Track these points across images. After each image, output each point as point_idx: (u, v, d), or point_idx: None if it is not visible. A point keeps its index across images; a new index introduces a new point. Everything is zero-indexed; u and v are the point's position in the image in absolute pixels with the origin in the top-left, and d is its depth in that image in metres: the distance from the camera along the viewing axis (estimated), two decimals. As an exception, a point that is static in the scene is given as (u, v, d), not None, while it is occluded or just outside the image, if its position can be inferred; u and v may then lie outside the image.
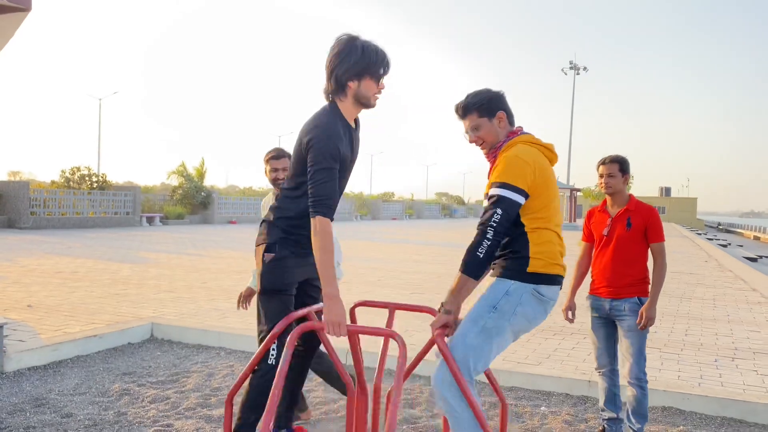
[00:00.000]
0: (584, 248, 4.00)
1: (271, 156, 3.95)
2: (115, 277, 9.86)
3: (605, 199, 3.89)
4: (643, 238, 3.73)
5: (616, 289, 3.71)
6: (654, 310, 3.63)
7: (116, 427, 3.89)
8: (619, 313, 3.71)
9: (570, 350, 5.89)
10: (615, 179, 3.75)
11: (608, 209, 3.84)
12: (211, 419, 4.09)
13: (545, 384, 4.93)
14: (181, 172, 30.30)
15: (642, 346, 3.69)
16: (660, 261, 3.72)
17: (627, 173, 3.80)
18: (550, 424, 4.19)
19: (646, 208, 3.76)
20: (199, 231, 23.89)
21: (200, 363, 5.43)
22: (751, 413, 4.38)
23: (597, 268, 3.82)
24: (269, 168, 3.96)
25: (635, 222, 3.70)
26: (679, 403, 4.58)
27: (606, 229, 3.77)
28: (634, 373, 3.67)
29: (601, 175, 3.81)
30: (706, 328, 7.28)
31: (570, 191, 44.05)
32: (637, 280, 3.71)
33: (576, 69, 56.88)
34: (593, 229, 3.91)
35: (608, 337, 3.84)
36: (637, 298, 3.69)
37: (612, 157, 3.81)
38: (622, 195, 3.79)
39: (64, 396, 4.44)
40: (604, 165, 3.80)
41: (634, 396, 3.68)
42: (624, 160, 3.81)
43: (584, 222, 4.03)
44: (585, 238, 4.00)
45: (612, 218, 3.77)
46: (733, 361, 5.71)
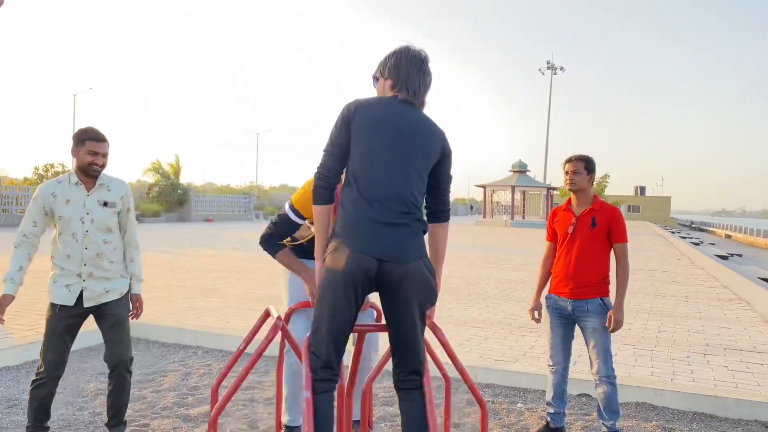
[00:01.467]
0: (549, 248, 4.03)
1: (91, 137, 3.27)
2: (90, 276, 9.72)
3: (569, 198, 3.94)
4: (607, 238, 3.77)
5: (579, 289, 3.75)
6: (622, 312, 3.68)
7: (91, 428, 3.85)
8: (582, 314, 3.76)
9: (545, 347, 5.93)
10: (580, 177, 3.79)
11: (573, 208, 3.87)
12: (188, 418, 4.07)
13: (522, 381, 4.98)
14: (157, 169, 29.97)
15: (607, 344, 3.74)
16: (623, 262, 3.77)
17: (592, 172, 3.84)
18: (526, 421, 4.24)
19: (610, 209, 3.81)
20: (175, 229, 23.65)
21: (177, 362, 5.39)
22: (722, 408, 4.48)
23: (560, 267, 3.84)
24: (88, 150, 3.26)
25: (600, 222, 3.75)
26: (652, 398, 4.66)
27: (571, 227, 3.80)
28: (603, 371, 3.73)
29: (566, 172, 3.84)
30: (679, 325, 7.42)
31: (546, 190, 44.48)
32: (599, 280, 3.76)
33: (553, 69, 57.39)
34: (557, 227, 3.94)
35: (565, 336, 3.90)
36: (600, 300, 3.75)
37: (578, 155, 3.85)
38: (587, 194, 3.83)
39: (37, 396, 4.37)
40: (570, 162, 3.84)
41: (604, 393, 3.74)
42: (590, 159, 3.85)
43: (548, 222, 4.05)
44: (549, 238, 4.02)
45: (577, 217, 3.81)
46: (704, 357, 5.83)
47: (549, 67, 57.37)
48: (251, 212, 35.00)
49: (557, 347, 3.91)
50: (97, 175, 3.35)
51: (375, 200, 2.33)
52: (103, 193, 3.38)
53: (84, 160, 3.26)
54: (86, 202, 3.33)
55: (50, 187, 3.32)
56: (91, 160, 3.26)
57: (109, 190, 3.40)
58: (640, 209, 79.61)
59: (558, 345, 3.91)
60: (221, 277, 10.20)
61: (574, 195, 3.84)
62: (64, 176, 3.39)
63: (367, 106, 2.45)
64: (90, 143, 3.25)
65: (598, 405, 3.79)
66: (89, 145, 3.25)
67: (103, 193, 3.38)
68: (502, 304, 8.36)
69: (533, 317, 4.00)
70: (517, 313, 7.73)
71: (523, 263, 14.52)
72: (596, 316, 3.71)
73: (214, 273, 10.66)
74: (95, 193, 3.36)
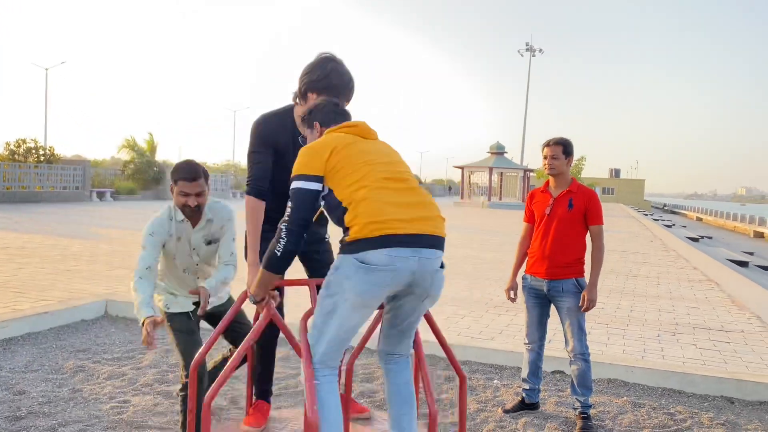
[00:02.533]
0: (526, 229, 4.10)
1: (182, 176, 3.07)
2: (66, 253, 9.63)
3: (547, 180, 4.01)
4: (583, 220, 3.86)
5: (555, 269, 3.84)
6: (595, 292, 3.78)
7: (71, 404, 3.86)
8: (557, 294, 3.86)
9: (521, 326, 6.05)
10: (558, 161, 3.86)
11: (550, 190, 3.95)
12: (169, 395, 4.10)
13: (498, 358, 5.09)
14: (132, 146, 29.50)
15: (582, 323, 3.85)
16: (598, 243, 3.86)
17: (570, 155, 3.91)
18: (502, 397, 4.35)
19: (587, 191, 3.89)
20: (152, 207, 23.40)
21: (156, 340, 5.36)
22: (690, 384, 4.64)
23: (536, 248, 3.93)
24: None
25: (576, 203, 3.83)
26: (624, 375, 4.80)
27: (548, 208, 3.88)
28: (577, 349, 3.84)
29: (545, 156, 3.91)
30: (650, 305, 7.61)
31: (524, 172, 44.81)
32: (574, 261, 3.85)
33: (532, 51, 57.49)
34: (535, 209, 4.01)
35: (541, 315, 4.00)
36: (575, 280, 3.84)
37: (556, 139, 3.91)
38: (565, 177, 3.91)
39: (15, 373, 4.36)
40: (549, 147, 3.90)
41: (578, 369, 3.85)
42: (568, 142, 3.92)
43: (526, 203, 4.13)
44: (527, 219, 4.10)
45: (554, 198, 3.89)
46: (674, 336, 6.00)
47: (528, 49, 57.46)
48: (228, 191, 34.74)
49: (533, 326, 4.01)
50: (194, 213, 3.17)
51: None
52: (208, 228, 3.25)
53: (178, 202, 3.10)
54: (192, 238, 3.23)
55: (164, 224, 3.16)
56: (183, 201, 3.07)
57: (211, 220, 3.25)
58: (614, 191, 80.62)
59: (534, 324, 4.00)
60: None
61: (552, 178, 3.91)
62: (167, 211, 3.19)
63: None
64: (181, 183, 3.03)
65: (572, 381, 3.90)
66: (181, 186, 3.04)
67: (208, 228, 3.25)
68: (479, 284, 8.48)
69: (509, 297, 4.08)
70: (493, 293, 7.86)
71: (499, 244, 14.69)
72: (571, 295, 3.81)
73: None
74: (200, 229, 3.24)
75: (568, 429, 3.82)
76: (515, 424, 3.86)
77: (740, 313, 7.40)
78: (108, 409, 3.80)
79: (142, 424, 3.61)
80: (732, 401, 4.48)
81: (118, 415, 3.72)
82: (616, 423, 3.96)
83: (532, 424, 3.88)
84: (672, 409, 4.23)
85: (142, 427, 3.58)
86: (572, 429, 3.80)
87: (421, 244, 2.18)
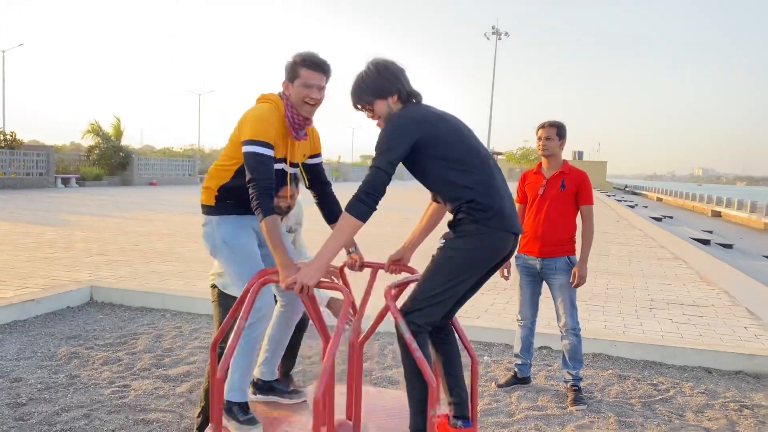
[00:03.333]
0: (518, 209, 4.23)
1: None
2: (40, 240, 9.45)
3: (540, 162, 4.14)
4: (574, 200, 4.01)
5: (547, 248, 3.98)
6: (585, 268, 3.94)
7: (71, 390, 3.87)
8: (550, 272, 4.01)
9: (505, 304, 6.25)
10: (552, 142, 3.99)
11: (543, 171, 4.09)
12: (168, 378, 4.13)
13: (486, 335, 5.24)
14: (96, 131, 28.78)
15: (573, 299, 4.01)
16: (589, 222, 4.02)
17: (563, 138, 4.05)
18: (493, 372, 4.50)
19: (578, 173, 4.04)
20: (119, 193, 22.97)
21: (147, 325, 5.39)
22: (670, 356, 4.86)
23: (529, 227, 4.07)
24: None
25: (568, 184, 3.97)
26: (607, 349, 5.00)
27: (542, 189, 4.02)
28: (569, 324, 4.00)
29: (539, 138, 4.04)
30: (625, 283, 7.87)
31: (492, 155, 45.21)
32: (566, 240, 4.00)
33: (498, 34, 57.68)
34: (527, 190, 4.15)
35: (533, 293, 4.15)
36: (567, 258, 4.00)
37: (551, 122, 4.04)
38: (557, 158, 4.05)
39: (8, 361, 4.33)
40: (543, 129, 4.03)
41: (570, 344, 4.01)
42: (561, 125, 4.05)
43: (519, 184, 4.26)
44: (519, 200, 4.23)
45: (547, 179, 4.03)
46: (650, 311, 6.25)
47: (494, 32, 57.66)
48: (195, 176, 34.24)
49: (526, 303, 4.15)
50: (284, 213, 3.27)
51: None
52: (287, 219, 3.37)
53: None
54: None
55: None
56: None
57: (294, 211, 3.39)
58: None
59: (526, 301, 4.14)
60: (176, 241, 10.08)
61: (545, 159, 4.04)
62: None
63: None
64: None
65: (563, 355, 4.06)
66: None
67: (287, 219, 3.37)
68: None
69: (503, 275, 4.20)
70: (474, 273, 8.01)
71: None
72: (563, 273, 3.96)
73: (168, 237, 10.52)
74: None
75: (560, 401, 3.98)
76: (509, 398, 4.01)
77: (709, 289, 7.71)
78: (109, 394, 3.82)
79: (146, 407, 3.65)
80: (710, 371, 4.71)
81: (120, 399, 3.75)
82: (605, 394, 4.15)
83: (525, 397, 4.03)
84: (655, 380, 4.44)
85: (145, 410, 3.62)
86: (563, 401, 3.97)
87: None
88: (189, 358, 4.56)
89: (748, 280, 8.65)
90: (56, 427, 3.33)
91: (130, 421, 3.46)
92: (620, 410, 3.86)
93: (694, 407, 3.97)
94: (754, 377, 4.63)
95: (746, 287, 8.04)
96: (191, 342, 4.94)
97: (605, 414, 3.77)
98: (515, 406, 3.87)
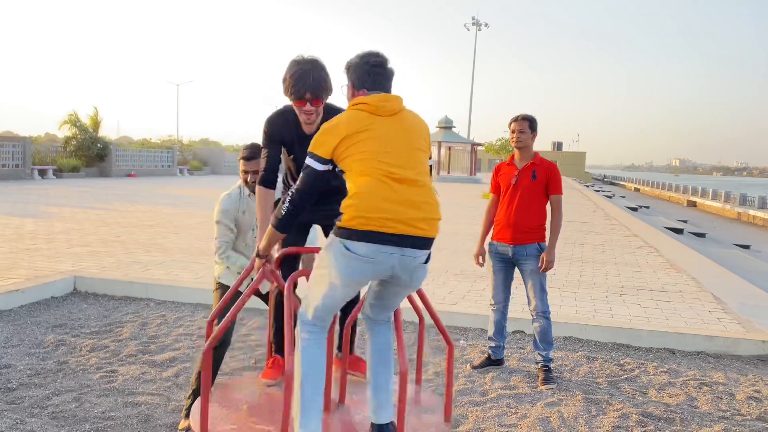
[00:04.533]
0: (492, 199, 4.43)
1: (242, 155, 3.46)
2: (20, 232, 9.46)
3: (512, 154, 4.33)
4: (545, 190, 4.21)
5: (520, 235, 4.19)
6: (553, 254, 4.15)
7: (60, 375, 3.99)
8: (522, 258, 4.21)
9: (481, 291, 6.46)
10: (525, 135, 4.19)
11: (515, 163, 4.28)
12: (155, 364, 4.26)
13: (462, 320, 5.44)
14: (74, 122, 28.47)
15: (543, 284, 4.22)
16: (558, 211, 4.23)
17: (535, 131, 4.24)
18: (469, 355, 4.70)
19: (549, 164, 4.24)
20: (97, 184, 22.82)
21: (131, 314, 5.50)
22: (637, 339, 5.11)
23: (502, 216, 4.27)
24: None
25: (539, 175, 4.18)
26: (577, 332, 5.23)
27: (514, 179, 4.22)
28: (539, 308, 4.21)
29: (513, 131, 4.23)
30: (598, 270, 8.13)
31: (471, 146, 45.53)
32: (537, 227, 4.21)
33: (478, 25, 57.90)
34: (501, 181, 4.34)
35: (506, 278, 4.35)
36: (538, 244, 4.20)
37: (523, 115, 4.24)
38: (529, 150, 4.24)
39: (-4, 349, 4.43)
40: (516, 122, 4.22)
41: (540, 326, 4.22)
42: (533, 119, 4.25)
43: (492, 176, 4.45)
44: (493, 190, 4.42)
45: (519, 170, 4.22)
46: (620, 297, 6.50)
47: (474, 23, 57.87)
48: (175, 167, 34.04)
49: (498, 288, 4.34)
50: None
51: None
52: None
53: (242, 178, 3.46)
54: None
55: (234, 202, 3.45)
56: (243, 177, 3.44)
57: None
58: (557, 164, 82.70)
59: (499, 286, 4.34)
60: (158, 232, 10.14)
61: (518, 151, 4.23)
62: (237, 190, 3.49)
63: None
64: (242, 162, 3.42)
65: (534, 337, 4.27)
66: (241, 164, 3.43)
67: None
68: (438, 254, 8.81)
69: (478, 262, 4.40)
70: (452, 262, 8.22)
71: (451, 215, 15.12)
72: (534, 259, 4.16)
73: (150, 228, 10.58)
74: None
75: (531, 381, 4.19)
76: (483, 378, 4.21)
77: (678, 275, 8.01)
78: (98, 379, 3.95)
79: (134, 391, 3.78)
80: (673, 352, 4.97)
81: (108, 384, 3.88)
82: (574, 374, 4.37)
83: (498, 377, 4.24)
84: (621, 361, 4.67)
85: (134, 393, 3.76)
86: (535, 381, 4.18)
87: (405, 244, 2.28)
88: (174, 344, 4.69)
89: (716, 267, 8.98)
90: (48, 410, 3.46)
91: (119, 403, 3.60)
92: (587, 388, 4.08)
93: (657, 385, 4.21)
94: (714, 357, 4.89)
95: (713, 273, 8.35)
96: (176, 330, 5.07)
97: (573, 392, 3.99)
98: (489, 386, 4.08)
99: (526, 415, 3.63)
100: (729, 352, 4.98)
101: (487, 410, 3.68)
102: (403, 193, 2.32)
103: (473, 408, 3.71)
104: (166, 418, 3.45)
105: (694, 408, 3.86)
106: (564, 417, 3.61)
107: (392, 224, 2.27)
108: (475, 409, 3.68)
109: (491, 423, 3.51)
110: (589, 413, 3.68)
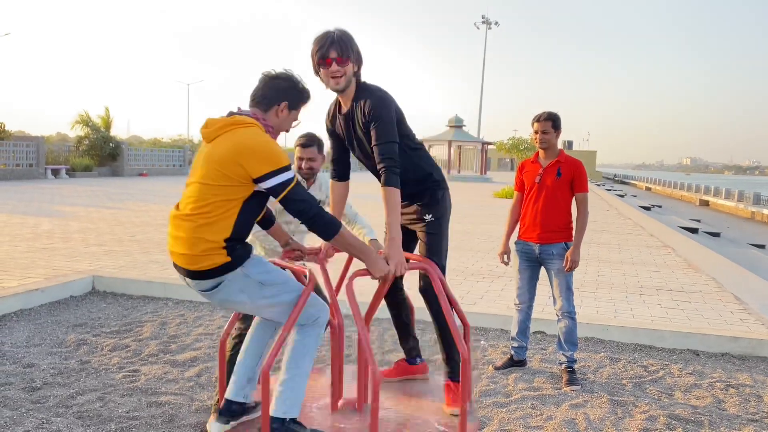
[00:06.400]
0: (517, 197, 4.38)
1: (298, 142, 3.51)
2: (37, 231, 9.51)
3: (537, 152, 4.29)
4: (570, 188, 4.16)
5: (546, 234, 4.14)
6: (578, 253, 4.11)
7: (83, 375, 3.99)
8: (548, 257, 4.16)
9: (500, 291, 6.42)
10: (548, 135, 4.14)
11: (540, 161, 4.23)
12: (177, 363, 4.26)
13: (483, 321, 5.40)
14: (86, 122, 28.64)
15: (569, 284, 4.18)
16: (583, 209, 4.18)
17: (559, 129, 4.18)
18: (490, 356, 4.66)
19: (574, 161, 4.19)
20: (110, 184, 22.93)
21: (150, 313, 5.51)
22: (659, 339, 5.05)
23: (527, 215, 4.23)
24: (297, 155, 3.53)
25: (564, 172, 4.12)
26: (599, 333, 5.18)
27: (538, 177, 4.17)
28: (565, 307, 4.17)
29: (536, 131, 4.17)
30: (615, 270, 8.06)
31: (481, 145, 45.40)
32: (563, 226, 4.16)
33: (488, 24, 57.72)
34: (525, 178, 4.30)
35: (531, 278, 4.30)
36: (564, 243, 4.15)
37: (546, 114, 4.17)
38: (554, 149, 4.19)
39: (18, 348, 4.44)
40: (539, 122, 4.16)
41: (566, 327, 4.18)
42: (557, 117, 4.19)
43: (516, 173, 4.41)
44: (517, 188, 4.38)
45: (544, 168, 4.17)
46: (640, 297, 6.44)
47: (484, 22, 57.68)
48: (186, 166, 34.15)
49: (524, 288, 4.30)
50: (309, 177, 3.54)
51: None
52: (316, 191, 3.61)
53: (296, 164, 3.50)
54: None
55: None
56: (297, 164, 3.49)
57: (321, 189, 3.65)
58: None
59: (524, 286, 4.30)
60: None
61: (542, 150, 4.18)
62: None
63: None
64: (298, 149, 3.47)
65: (558, 338, 4.23)
66: (297, 151, 3.47)
67: (316, 192, 3.61)
68: (453, 254, 8.78)
69: (503, 261, 4.36)
70: (468, 262, 8.18)
71: (462, 216, 15.06)
72: (561, 258, 4.11)
73: (164, 227, 10.59)
74: (311, 190, 3.58)
75: (555, 382, 4.15)
76: (506, 379, 4.17)
77: (697, 276, 7.93)
78: (120, 378, 3.95)
79: (157, 391, 3.78)
80: (697, 353, 4.91)
81: (131, 383, 3.87)
82: (597, 375, 4.32)
83: (521, 378, 4.20)
84: (645, 362, 4.62)
85: (157, 393, 3.75)
86: (558, 382, 4.14)
87: (180, 272, 2.49)
88: (195, 344, 4.69)
89: (735, 267, 8.89)
90: (73, 409, 3.46)
91: (143, 403, 3.59)
92: (612, 390, 4.04)
93: (683, 387, 4.15)
94: (739, 358, 4.83)
95: (733, 274, 8.26)
96: (195, 329, 5.07)
97: (598, 393, 3.94)
98: (512, 387, 4.04)
99: (552, 416, 3.59)
100: (754, 354, 4.91)
101: (511, 411, 3.64)
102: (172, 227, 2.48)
103: (497, 409, 3.68)
104: (191, 418, 3.44)
105: (722, 410, 3.80)
106: (590, 419, 3.57)
107: (171, 256, 2.55)
108: (500, 411, 3.65)
109: (517, 425, 3.47)
110: (616, 415, 3.64)
